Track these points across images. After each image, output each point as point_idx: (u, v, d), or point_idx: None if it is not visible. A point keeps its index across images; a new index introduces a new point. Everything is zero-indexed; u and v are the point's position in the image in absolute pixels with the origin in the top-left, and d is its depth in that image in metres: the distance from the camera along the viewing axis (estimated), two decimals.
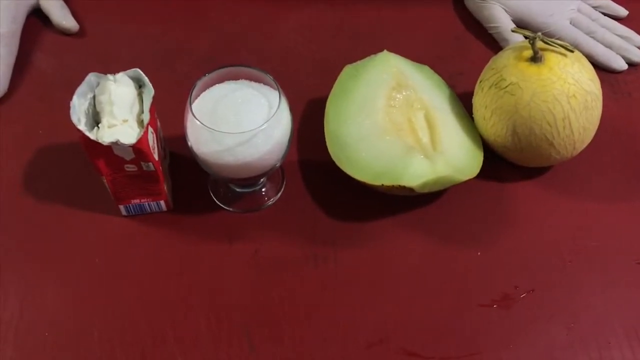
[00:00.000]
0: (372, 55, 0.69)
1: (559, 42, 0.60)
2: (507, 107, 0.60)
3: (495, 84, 0.61)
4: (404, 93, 0.65)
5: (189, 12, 0.78)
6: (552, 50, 0.60)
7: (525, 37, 0.60)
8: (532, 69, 0.59)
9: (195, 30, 0.76)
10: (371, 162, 0.61)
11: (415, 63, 0.69)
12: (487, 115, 0.62)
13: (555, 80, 0.59)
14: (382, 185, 0.59)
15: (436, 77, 0.69)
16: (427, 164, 0.60)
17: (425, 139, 0.63)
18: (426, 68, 0.69)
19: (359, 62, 0.68)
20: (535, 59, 0.60)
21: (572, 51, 0.60)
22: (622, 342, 0.57)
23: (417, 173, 0.60)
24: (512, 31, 0.62)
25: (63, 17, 0.73)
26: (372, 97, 0.65)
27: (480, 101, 0.63)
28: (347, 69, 0.68)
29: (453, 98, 0.67)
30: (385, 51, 0.68)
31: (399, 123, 0.64)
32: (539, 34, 0.60)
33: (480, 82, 0.64)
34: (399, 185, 0.59)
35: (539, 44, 0.60)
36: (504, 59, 0.62)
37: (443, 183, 0.61)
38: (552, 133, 0.60)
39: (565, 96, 0.59)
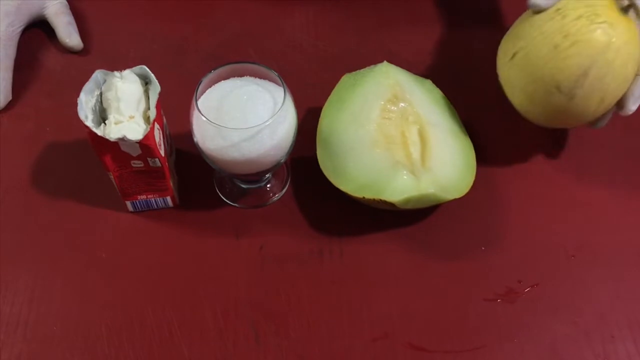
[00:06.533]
0: (372, 66, 0.67)
1: None
2: (596, 43, 0.56)
3: (587, 17, 0.57)
4: (400, 106, 0.64)
5: (194, 10, 0.79)
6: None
7: None
8: (623, 19, 0.57)
9: (201, 28, 0.77)
10: (356, 174, 0.60)
11: (416, 76, 0.68)
12: (565, 45, 0.57)
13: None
14: (364, 197, 0.59)
15: (437, 91, 0.67)
16: (411, 181, 0.59)
17: (415, 154, 0.62)
18: (427, 82, 0.68)
19: (357, 72, 0.67)
20: (626, 9, 0.58)
21: None
22: (626, 336, 0.57)
23: (399, 189, 0.59)
24: None
25: (68, 35, 0.73)
26: (366, 108, 0.64)
27: (558, 28, 0.58)
28: (345, 78, 0.67)
29: (452, 115, 0.66)
30: (385, 62, 0.67)
31: (391, 136, 0.62)
32: None
33: (559, 9, 0.59)
34: (380, 200, 0.58)
35: None
36: None
37: (427, 201, 0.60)
38: (615, 87, 0.58)
39: None
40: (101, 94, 0.58)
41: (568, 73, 0.57)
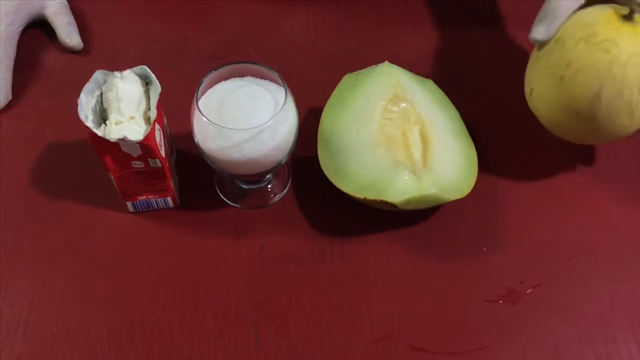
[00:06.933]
0: (373, 66, 0.67)
1: None
2: (599, 64, 0.55)
3: (585, 39, 0.56)
4: (401, 106, 0.64)
5: (194, 10, 0.78)
6: None
7: None
8: (627, 27, 0.55)
9: (201, 28, 0.77)
10: (358, 174, 0.60)
11: (418, 76, 0.68)
12: (569, 74, 0.56)
13: None
14: (365, 198, 0.59)
15: (438, 92, 0.67)
16: (413, 181, 0.59)
17: (417, 154, 0.62)
18: (429, 82, 0.68)
19: (358, 72, 0.67)
20: (629, 17, 0.55)
21: None
22: (628, 337, 0.57)
23: (401, 189, 0.58)
24: None
25: (68, 35, 0.73)
26: (368, 108, 0.63)
27: (559, 59, 0.57)
28: (347, 78, 0.67)
29: (453, 115, 0.66)
30: (386, 62, 0.67)
31: (392, 136, 0.62)
32: None
33: (558, 39, 0.58)
34: (382, 200, 0.58)
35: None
36: (591, 16, 0.57)
37: (428, 202, 0.59)
38: (638, 101, 0.56)
39: None
40: (101, 94, 0.58)
41: (581, 99, 0.56)
